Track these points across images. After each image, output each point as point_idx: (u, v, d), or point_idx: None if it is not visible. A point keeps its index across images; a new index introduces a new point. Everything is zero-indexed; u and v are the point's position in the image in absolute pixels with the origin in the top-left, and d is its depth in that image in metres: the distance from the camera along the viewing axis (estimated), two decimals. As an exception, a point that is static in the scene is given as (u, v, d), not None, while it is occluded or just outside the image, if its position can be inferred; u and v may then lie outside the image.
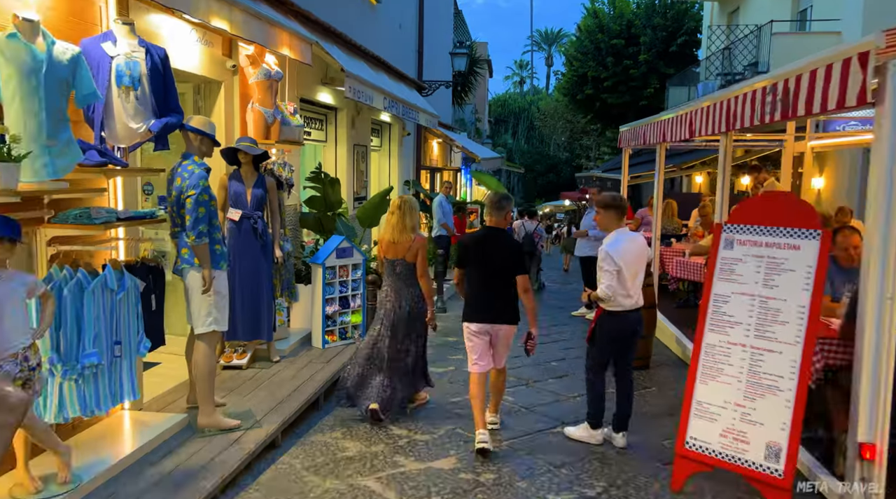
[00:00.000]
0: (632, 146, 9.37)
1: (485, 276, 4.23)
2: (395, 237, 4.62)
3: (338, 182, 6.51)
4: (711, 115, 5.39)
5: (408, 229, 4.61)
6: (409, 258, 4.62)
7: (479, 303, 4.25)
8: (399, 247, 4.62)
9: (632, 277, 4.23)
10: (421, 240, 4.64)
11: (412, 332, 4.70)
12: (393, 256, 4.66)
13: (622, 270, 4.16)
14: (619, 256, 4.18)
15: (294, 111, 5.99)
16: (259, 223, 5.22)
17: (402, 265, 4.65)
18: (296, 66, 6.67)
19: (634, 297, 4.28)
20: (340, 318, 6.01)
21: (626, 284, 4.21)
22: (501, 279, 4.21)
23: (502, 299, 4.23)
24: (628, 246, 4.25)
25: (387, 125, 11.20)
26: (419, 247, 4.61)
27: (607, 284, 4.16)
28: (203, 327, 3.99)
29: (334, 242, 5.92)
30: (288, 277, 5.92)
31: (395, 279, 4.69)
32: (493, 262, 4.22)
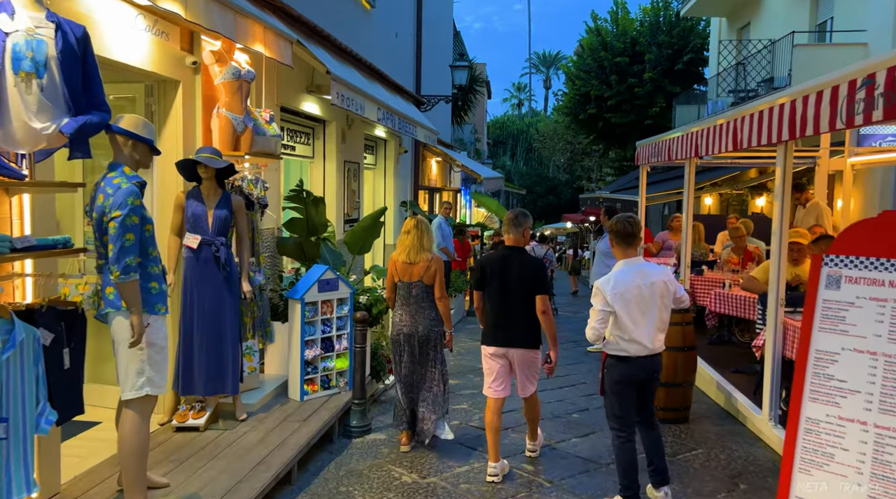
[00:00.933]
0: (652, 163, 8.51)
1: (504, 297, 4.05)
2: (411, 258, 4.44)
3: (322, 202, 5.60)
4: (767, 121, 4.51)
5: (425, 249, 4.46)
6: (426, 280, 4.43)
7: (497, 325, 4.08)
8: (416, 268, 4.43)
9: (636, 319, 3.53)
10: (438, 260, 4.48)
11: (431, 356, 4.52)
12: (409, 279, 4.46)
13: (617, 312, 3.53)
14: (615, 294, 3.52)
15: (270, 119, 5.10)
16: (222, 251, 4.29)
17: (419, 287, 4.44)
18: (275, 68, 5.80)
19: (642, 342, 3.54)
20: (323, 363, 5.05)
21: (627, 327, 3.52)
22: (521, 300, 4.01)
23: (522, 321, 4.04)
24: (633, 281, 3.54)
25: (382, 141, 10.33)
26: (437, 267, 4.44)
27: (592, 325, 3.57)
28: (132, 391, 3.04)
29: (316, 273, 4.98)
30: (261, 314, 4.97)
31: (410, 303, 4.48)
32: (512, 282, 4.04)
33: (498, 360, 4.09)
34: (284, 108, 6.38)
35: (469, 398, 5.94)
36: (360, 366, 4.85)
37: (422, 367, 4.51)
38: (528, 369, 4.12)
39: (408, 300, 4.49)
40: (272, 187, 5.78)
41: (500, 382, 4.08)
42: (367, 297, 5.28)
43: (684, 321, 5.29)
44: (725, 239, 8.75)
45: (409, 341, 4.48)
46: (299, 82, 6.56)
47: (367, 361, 5.50)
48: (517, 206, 43.03)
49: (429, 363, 4.52)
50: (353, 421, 4.85)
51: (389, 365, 5.78)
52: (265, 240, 5.68)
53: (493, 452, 4.06)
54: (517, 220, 4.11)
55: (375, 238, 6.10)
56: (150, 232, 3.10)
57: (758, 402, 5.05)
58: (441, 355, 4.57)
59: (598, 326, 3.55)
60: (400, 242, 4.58)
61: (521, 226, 4.11)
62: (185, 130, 4.48)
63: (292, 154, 7.03)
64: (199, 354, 4.30)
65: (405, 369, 4.52)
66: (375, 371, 5.67)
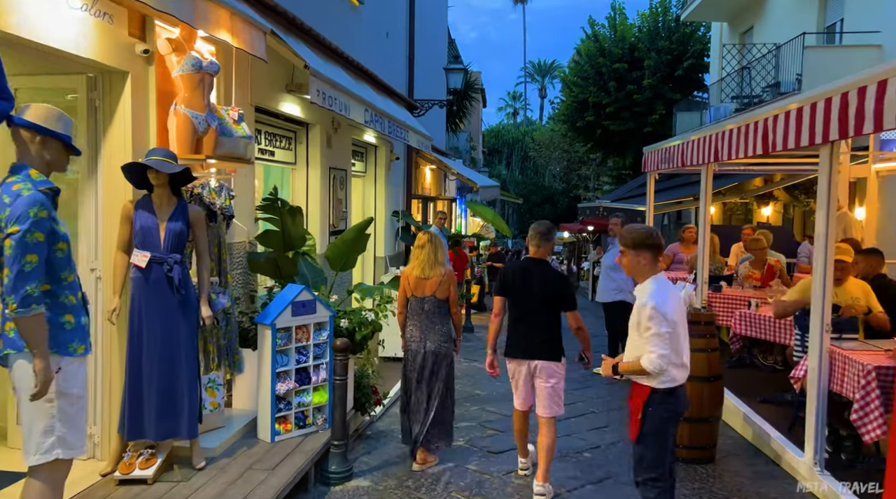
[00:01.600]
0: (661, 170, 7.92)
1: (526, 309, 4.07)
2: (425, 273, 4.42)
3: (299, 212, 4.97)
4: (808, 119, 3.91)
5: (439, 264, 4.45)
6: (439, 294, 4.42)
7: (518, 337, 4.11)
8: (429, 283, 4.41)
9: (683, 340, 3.17)
10: (451, 274, 4.48)
11: (439, 374, 4.46)
12: (421, 294, 4.43)
13: (676, 331, 3.09)
14: (672, 312, 3.07)
15: (239, 118, 4.48)
16: (176, 270, 3.65)
17: (432, 302, 4.43)
18: (248, 63, 5.19)
19: (688, 365, 3.18)
20: (298, 398, 4.39)
21: (682, 349, 3.16)
22: (544, 313, 4.04)
23: (543, 334, 4.05)
24: (675, 297, 3.14)
25: (372, 147, 9.72)
26: (450, 281, 4.45)
27: (660, 352, 3.00)
28: (38, 455, 2.39)
29: (290, 294, 4.34)
30: (228, 341, 4.33)
31: (422, 318, 4.45)
32: (536, 294, 4.04)
33: (521, 374, 4.13)
34: (260, 109, 5.76)
35: (466, 432, 5.29)
36: (340, 401, 4.20)
37: (428, 384, 4.46)
38: (551, 382, 4.05)
39: (419, 315, 4.46)
40: (244, 196, 5.16)
41: (525, 396, 4.19)
42: (350, 320, 4.64)
43: (709, 347, 4.68)
44: (740, 251, 8.16)
45: (416, 357, 4.45)
46: (277, 80, 5.95)
47: (350, 393, 4.86)
48: (513, 216, 42.53)
49: (436, 380, 4.46)
50: (333, 466, 4.20)
51: (376, 396, 5.13)
52: (235, 256, 5.04)
53: (522, 450, 4.33)
54: (550, 234, 4.15)
55: (360, 252, 5.47)
56: (65, 252, 2.46)
57: (796, 440, 4.42)
58: (450, 373, 4.54)
59: (668, 353, 3.00)
60: (413, 256, 4.54)
61: (551, 240, 4.17)
62: (135, 129, 3.84)
63: (271, 160, 6.41)
64: (149, 392, 3.65)
65: (413, 388, 4.48)
66: (360, 403, 5.02)
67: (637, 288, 3.19)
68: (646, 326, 3.02)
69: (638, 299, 3.10)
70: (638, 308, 3.07)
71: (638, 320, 3.07)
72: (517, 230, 40.40)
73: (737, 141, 5.12)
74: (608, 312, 7.43)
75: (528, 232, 4.20)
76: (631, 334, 3.16)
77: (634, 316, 3.10)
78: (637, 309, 3.08)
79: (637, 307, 3.09)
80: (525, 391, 4.16)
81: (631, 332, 3.16)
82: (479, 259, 15.86)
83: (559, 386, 4.07)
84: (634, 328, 3.11)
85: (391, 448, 4.88)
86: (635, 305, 3.12)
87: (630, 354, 3.16)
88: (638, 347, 3.09)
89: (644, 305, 3.03)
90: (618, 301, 7.28)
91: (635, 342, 3.12)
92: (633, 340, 3.15)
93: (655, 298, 3.04)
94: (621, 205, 15.40)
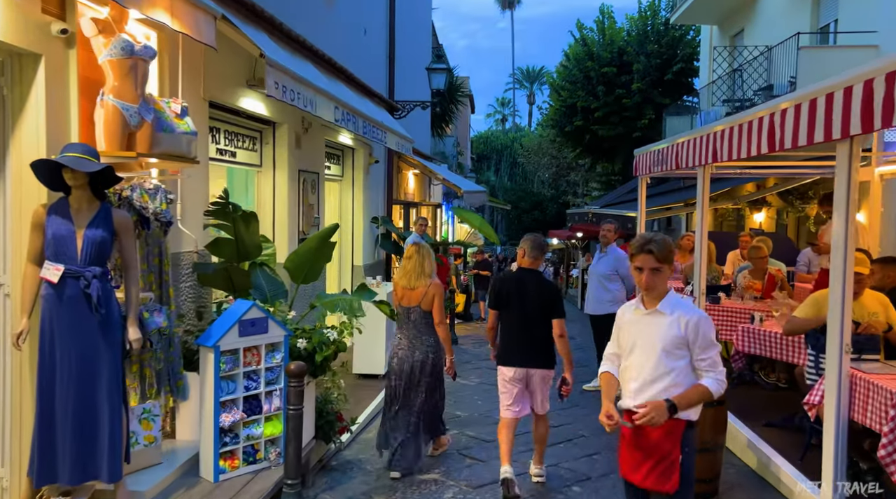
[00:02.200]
0: (654, 174, 7.47)
1: (521, 318, 4.17)
2: (411, 283, 4.49)
3: (254, 218, 4.45)
4: (824, 112, 3.45)
5: (425, 275, 4.49)
6: (424, 306, 4.47)
7: (514, 346, 4.20)
8: (415, 293, 4.47)
9: None
10: (437, 285, 4.52)
11: (426, 383, 4.47)
12: (408, 304, 4.50)
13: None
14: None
15: (183, 112, 3.96)
16: (95, 286, 3.12)
17: (417, 313, 4.48)
18: (200, 52, 4.69)
19: None
20: (246, 430, 3.86)
21: None
22: (538, 322, 4.15)
23: (538, 343, 4.17)
24: None
25: (349, 150, 9.21)
26: (435, 293, 4.47)
27: (722, 377, 2.65)
28: None
29: (237, 311, 3.81)
30: (170, 363, 3.80)
31: (409, 328, 4.52)
32: (530, 304, 4.16)
33: (517, 382, 4.17)
34: (217, 105, 5.25)
35: (442, 461, 4.77)
36: (294, 434, 3.67)
37: (415, 395, 4.45)
38: (545, 387, 4.23)
39: (406, 325, 4.53)
40: (194, 200, 4.63)
41: (516, 404, 4.19)
42: (309, 340, 4.12)
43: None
44: (737, 259, 7.72)
45: (402, 366, 4.46)
46: (237, 74, 5.43)
47: (310, 422, 4.33)
48: (502, 222, 42.23)
49: (422, 390, 4.46)
50: (285, 508, 3.67)
51: (342, 423, 4.60)
52: (183, 267, 4.51)
53: (506, 456, 4.21)
54: (542, 246, 4.28)
55: (326, 262, 4.94)
56: None
57: (808, 471, 3.95)
58: (437, 384, 4.54)
59: (724, 379, 2.66)
60: (402, 266, 4.58)
61: (544, 251, 4.29)
62: (50, 122, 3.31)
63: (233, 161, 5.89)
64: (63, 429, 3.12)
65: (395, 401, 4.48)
66: (324, 431, 4.49)
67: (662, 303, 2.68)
68: (709, 342, 2.61)
69: (676, 314, 2.63)
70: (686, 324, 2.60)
71: (684, 337, 2.60)
72: (505, 237, 40.00)
73: (738, 139, 4.66)
74: (599, 324, 6.93)
75: (522, 244, 4.30)
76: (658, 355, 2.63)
77: (671, 331, 2.61)
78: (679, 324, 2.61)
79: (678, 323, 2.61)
80: (518, 399, 4.21)
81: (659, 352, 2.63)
82: (465, 267, 15.36)
83: (549, 386, 4.29)
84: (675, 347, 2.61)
85: (357, 483, 4.36)
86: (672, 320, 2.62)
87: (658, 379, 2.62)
88: (673, 370, 2.61)
89: (701, 322, 2.61)
90: (611, 314, 6.78)
91: (667, 364, 2.61)
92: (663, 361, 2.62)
93: (702, 312, 2.71)
94: (611, 211, 14.97)
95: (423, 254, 4.55)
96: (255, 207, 6.45)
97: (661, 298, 2.67)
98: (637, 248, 2.65)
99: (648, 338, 2.65)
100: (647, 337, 2.66)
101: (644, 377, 2.64)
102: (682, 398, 2.57)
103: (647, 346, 2.65)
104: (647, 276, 2.63)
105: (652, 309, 2.68)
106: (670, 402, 2.56)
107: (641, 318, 2.71)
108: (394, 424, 4.47)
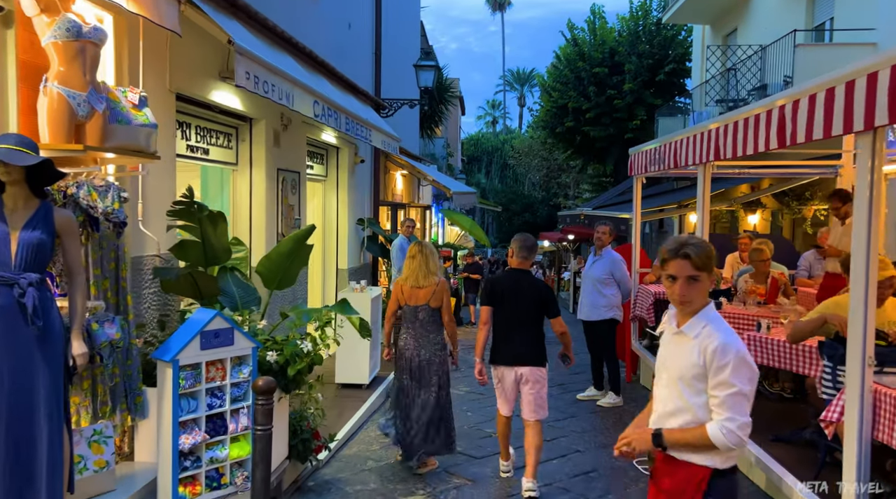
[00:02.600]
0: (650, 174, 7.18)
1: (512, 317, 4.25)
2: (419, 282, 4.56)
3: (222, 219, 4.08)
4: (843, 102, 3.16)
5: (431, 273, 4.58)
6: (433, 303, 4.55)
7: (505, 345, 4.27)
8: (423, 292, 4.54)
9: None
10: (444, 283, 4.61)
11: (433, 381, 4.54)
12: (415, 303, 4.55)
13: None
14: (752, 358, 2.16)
15: (141, 103, 3.60)
16: (30, 295, 2.75)
17: (426, 311, 4.55)
18: (164, 39, 4.34)
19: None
20: (210, 452, 3.49)
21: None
22: (528, 321, 4.23)
23: (529, 341, 4.23)
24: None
25: (333, 149, 8.86)
26: (443, 291, 4.57)
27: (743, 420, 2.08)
28: None
29: (199, 321, 3.45)
30: (128, 378, 3.44)
31: (416, 327, 4.58)
32: (522, 303, 4.23)
33: (508, 380, 4.26)
34: (186, 97, 4.89)
35: (428, 481, 4.42)
36: (262, 458, 3.31)
37: (425, 393, 4.51)
38: (537, 387, 4.22)
39: (413, 324, 4.57)
40: (158, 199, 4.27)
41: (511, 399, 4.32)
42: (280, 352, 3.76)
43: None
44: (735, 262, 7.43)
45: (410, 365, 4.53)
46: (208, 64, 5.08)
47: (283, 441, 3.97)
48: (492, 224, 41.98)
49: (431, 388, 4.52)
50: (251, 540, 3.31)
51: (318, 442, 4.25)
52: (144, 272, 4.14)
53: (505, 452, 4.43)
54: (533, 247, 4.37)
55: (302, 265, 4.58)
56: None
57: (825, 493, 3.64)
58: (444, 381, 4.60)
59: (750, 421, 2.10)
60: (405, 266, 4.66)
61: (534, 252, 4.38)
62: (-17, 110, 2.96)
63: (206, 159, 5.53)
64: (-6, 458, 2.75)
65: (406, 397, 4.54)
66: (298, 450, 4.13)
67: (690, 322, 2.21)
68: (723, 381, 2.07)
69: (700, 338, 2.16)
70: (704, 350, 2.12)
71: (703, 367, 2.12)
72: (496, 239, 39.72)
73: (742, 135, 4.36)
74: (594, 331, 6.62)
75: (511, 244, 4.37)
76: (677, 385, 2.20)
77: (691, 358, 2.15)
78: (699, 350, 2.14)
79: (699, 348, 2.14)
80: (511, 397, 4.31)
81: (677, 382, 2.20)
82: (455, 270, 15.04)
83: (543, 391, 4.26)
84: (693, 377, 2.15)
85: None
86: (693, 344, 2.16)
87: (676, 414, 2.20)
88: (693, 405, 2.15)
89: (723, 349, 2.09)
90: (606, 320, 6.48)
91: (687, 398, 2.17)
92: (681, 392, 2.18)
93: (734, 339, 2.13)
94: (603, 212, 14.70)
95: (426, 253, 4.61)
96: (230, 207, 6.09)
97: (694, 316, 2.20)
98: (671, 252, 2.17)
99: (671, 363, 2.24)
100: (671, 362, 2.25)
101: (661, 410, 2.26)
102: (673, 433, 2.17)
103: (669, 372, 2.25)
104: (682, 286, 2.15)
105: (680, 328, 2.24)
106: (658, 432, 2.19)
107: (671, 338, 2.28)
108: (408, 420, 4.51)
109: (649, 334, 7.80)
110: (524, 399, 4.24)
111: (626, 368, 7.58)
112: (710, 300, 2.23)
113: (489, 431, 5.53)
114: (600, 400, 6.53)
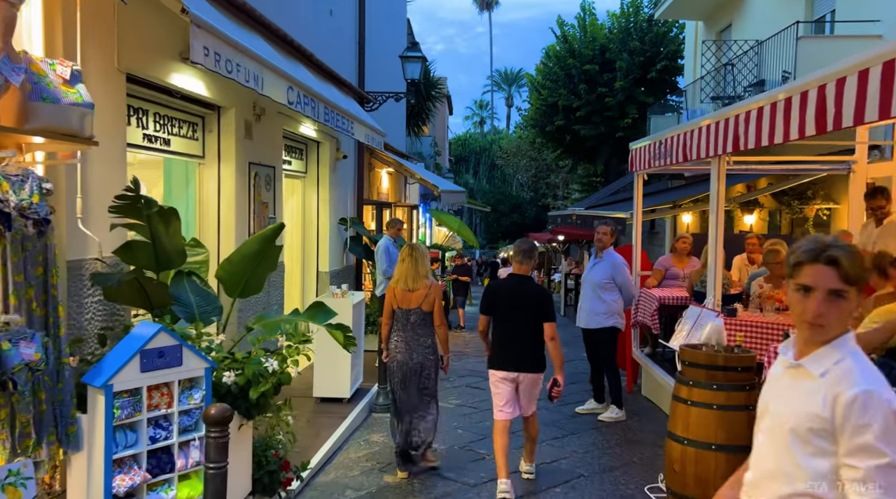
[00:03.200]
0: (653, 170, 6.70)
1: (512, 323, 4.27)
2: (409, 285, 4.53)
3: (175, 216, 3.51)
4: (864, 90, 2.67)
5: (422, 276, 4.55)
6: (425, 307, 4.53)
7: (505, 350, 4.28)
8: (415, 295, 4.52)
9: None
10: (437, 287, 4.60)
11: (423, 385, 4.55)
12: (407, 306, 4.53)
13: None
14: None
15: (73, 78, 3.03)
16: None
17: (417, 315, 4.53)
18: (112, 9, 3.77)
19: None
20: (153, 494, 2.92)
21: None
22: (529, 327, 4.25)
23: (529, 347, 4.25)
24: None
25: (313, 143, 8.29)
26: (435, 294, 4.55)
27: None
28: None
29: (139, 338, 2.88)
30: (58, 404, 2.87)
31: (408, 330, 4.55)
32: (521, 309, 4.25)
33: (507, 384, 4.27)
34: (140, 80, 4.31)
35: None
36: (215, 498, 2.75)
37: (416, 395, 4.54)
38: (533, 391, 4.33)
39: (405, 327, 4.56)
40: (104, 194, 3.69)
41: (509, 405, 4.28)
42: (240, 373, 3.20)
43: (751, 402, 3.37)
44: (744, 263, 6.97)
45: (402, 369, 4.53)
46: (166, 43, 4.49)
47: (247, 475, 3.41)
48: (480, 225, 41.52)
49: (421, 392, 4.54)
50: None
51: (287, 473, 3.68)
52: (86, 278, 3.56)
53: (503, 468, 4.20)
54: (531, 252, 4.38)
55: (270, 270, 4.00)
56: None
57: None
58: (434, 385, 4.61)
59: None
60: (396, 270, 4.64)
61: (533, 257, 4.38)
62: None
63: (166, 150, 4.95)
64: None
65: (399, 396, 4.57)
66: (263, 484, 3.57)
67: (817, 353, 1.59)
68: (866, 446, 1.45)
69: (829, 378, 1.55)
70: (835, 399, 1.51)
71: (830, 422, 1.51)
72: (484, 240, 39.25)
73: (769, 121, 3.87)
74: (593, 340, 6.11)
75: (512, 250, 4.33)
76: (786, 438, 1.58)
77: (812, 405, 1.54)
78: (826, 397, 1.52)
79: (826, 394, 1.53)
80: (510, 401, 4.29)
81: (788, 435, 1.58)
82: (443, 272, 14.52)
83: (537, 390, 4.36)
84: (811, 432, 1.54)
85: (306, 549, 3.46)
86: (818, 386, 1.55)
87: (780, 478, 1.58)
88: (808, 471, 1.54)
89: (865, 400, 1.47)
90: (606, 328, 5.98)
91: (799, 459, 1.55)
92: (790, 450, 1.57)
93: (882, 386, 1.51)
94: (597, 212, 14.22)
95: (416, 256, 4.58)
96: (196, 204, 5.51)
97: (826, 346, 1.59)
98: (808, 253, 1.57)
99: (782, 407, 1.62)
100: (781, 406, 1.63)
101: (760, 468, 1.65)
102: None
103: (776, 419, 1.63)
104: (820, 302, 1.55)
105: (800, 360, 1.63)
106: None
107: (784, 371, 1.68)
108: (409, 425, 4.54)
109: (651, 342, 7.32)
110: (521, 400, 4.35)
111: (626, 377, 7.08)
112: (850, 329, 1.62)
113: (483, 452, 5.00)
114: (601, 414, 6.02)
